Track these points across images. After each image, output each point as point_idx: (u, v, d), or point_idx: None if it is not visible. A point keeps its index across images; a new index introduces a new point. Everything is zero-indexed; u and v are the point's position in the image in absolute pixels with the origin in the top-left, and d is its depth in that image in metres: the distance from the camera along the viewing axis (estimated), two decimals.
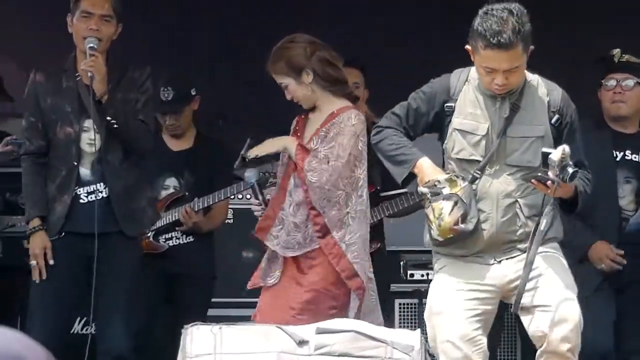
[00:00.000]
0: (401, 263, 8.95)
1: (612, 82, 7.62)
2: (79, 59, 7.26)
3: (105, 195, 7.27)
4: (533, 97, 6.12)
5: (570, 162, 5.81)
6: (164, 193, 8.45)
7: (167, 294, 8.31)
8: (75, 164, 7.25)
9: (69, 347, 7.38)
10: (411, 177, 6.44)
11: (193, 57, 10.54)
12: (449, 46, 10.01)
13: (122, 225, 7.27)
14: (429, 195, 6.16)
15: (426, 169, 6.19)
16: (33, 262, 7.25)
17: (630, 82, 7.59)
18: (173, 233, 8.44)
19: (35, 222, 7.29)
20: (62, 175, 7.27)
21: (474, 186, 6.13)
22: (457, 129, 6.13)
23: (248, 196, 8.53)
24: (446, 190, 6.14)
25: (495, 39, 5.88)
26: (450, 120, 6.18)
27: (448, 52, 10.00)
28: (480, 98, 6.11)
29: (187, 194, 8.45)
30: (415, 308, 8.83)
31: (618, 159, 7.63)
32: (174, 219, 8.39)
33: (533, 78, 6.13)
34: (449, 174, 6.18)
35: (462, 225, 6.10)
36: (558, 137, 6.12)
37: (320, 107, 6.96)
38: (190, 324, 6.29)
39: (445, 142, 6.27)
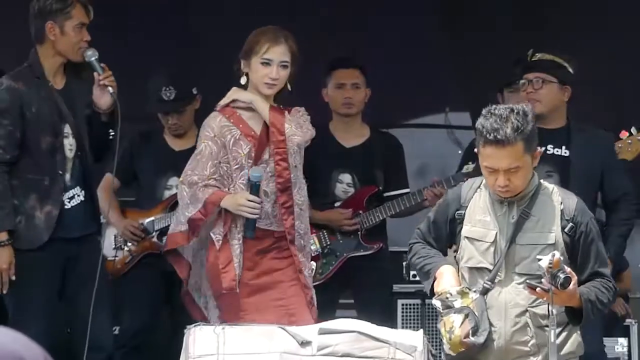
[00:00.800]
0: (404, 264, 8.87)
1: (524, 82, 7.66)
2: (47, 65, 7.24)
3: (82, 199, 7.25)
4: (545, 204, 5.99)
5: (564, 269, 5.66)
6: (167, 193, 8.42)
7: (170, 293, 8.22)
8: (61, 172, 7.20)
9: (62, 345, 7.42)
10: None
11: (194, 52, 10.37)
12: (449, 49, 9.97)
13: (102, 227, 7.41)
14: (440, 309, 6.03)
15: (441, 279, 6.09)
16: None
17: (540, 80, 7.59)
18: None
19: (3, 236, 7.17)
20: (45, 185, 7.20)
21: (486, 297, 5.97)
22: (467, 237, 6.04)
23: None
24: (458, 303, 5.99)
25: (492, 135, 5.75)
26: (461, 229, 6.07)
27: (448, 55, 9.99)
28: (490, 204, 5.98)
29: None
30: (417, 308, 8.78)
31: (547, 154, 7.50)
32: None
33: (548, 186, 6.03)
34: (461, 286, 6.01)
35: (473, 339, 5.95)
36: (572, 247, 6.01)
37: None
38: (193, 325, 6.30)
39: (458, 251, 6.16)
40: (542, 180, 6.13)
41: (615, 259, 7.48)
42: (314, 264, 7.49)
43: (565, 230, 6.01)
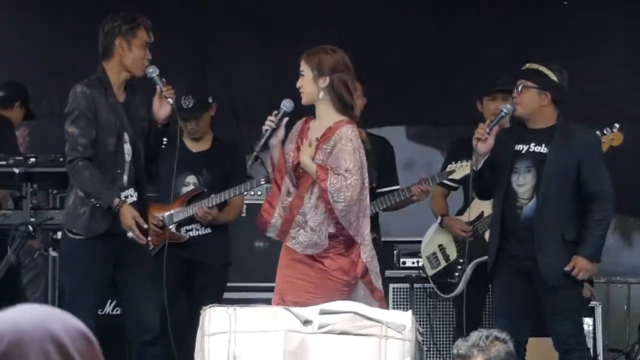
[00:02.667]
0: (394, 252, 8.93)
1: (516, 86, 7.65)
2: (113, 79, 7.36)
3: (135, 200, 7.34)
4: None
5: None
6: (184, 189, 8.46)
7: (187, 279, 8.31)
8: (120, 172, 7.32)
9: (101, 326, 7.37)
10: None
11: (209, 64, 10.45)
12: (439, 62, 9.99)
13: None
14: None
15: None
16: (130, 234, 7.25)
17: (520, 86, 7.58)
18: (193, 225, 8.42)
19: (116, 201, 7.25)
20: (107, 183, 7.33)
21: None
22: None
23: (259, 192, 8.61)
24: None
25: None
26: None
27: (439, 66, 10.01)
28: None
29: (205, 190, 8.43)
30: (407, 292, 8.77)
31: (523, 151, 7.59)
32: (194, 213, 8.40)
33: None
34: None
35: None
36: None
37: (321, 116, 7.01)
38: (208, 306, 6.37)
39: None
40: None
41: (594, 259, 7.55)
42: None
43: None
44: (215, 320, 6.24)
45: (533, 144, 7.57)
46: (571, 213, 7.54)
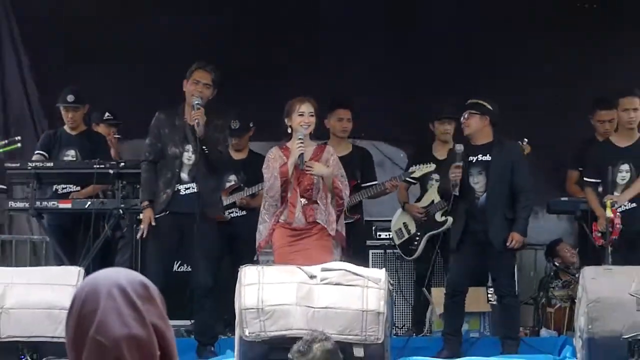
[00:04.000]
0: (373, 228, 8.78)
1: (463, 117, 7.53)
2: (186, 108, 7.29)
3: (196, 191, 7.26)
4: None
5: None
6: (227, 185, 8.35)
7: (229, 247, 8.20)
8: (178, 171, 7.26)
9: (170, 282, 7.39)
10: None
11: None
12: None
13: (207, 209, 7.25)
14: None
15: None
16: (142, 227, 7.29)
17: (467, 114, 7.47)
18: (234, 209, 8.34)
19: (146, 203, 7.28)
20: (168, 177, 7.28)
21: None
22: None
23: None
24: None
25: None
26: None
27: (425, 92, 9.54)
28: None
29: (242, 185, 8.38)
30: (381, 255, 8.58)
31: (474, 160, 7.46)
32: (234, 200, 8.31)
33: None
34: None
35: None
36: None
37: (312, 144, 7.13)
38: (244, 265, 6.39)
39: None
40: None
41: (524, 234, 7.42)
42: None
43: None
44: (249, 275, 6.23)
45: (480, 155, 7.48)
46: (509, 200, 7.43)
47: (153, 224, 7.23)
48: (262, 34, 9.82)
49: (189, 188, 7.28)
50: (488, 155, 7.48)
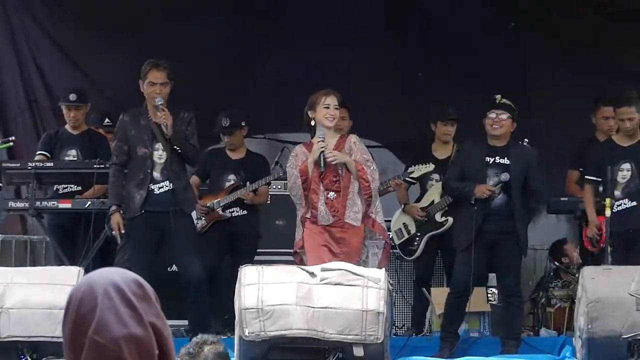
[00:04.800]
0: None
1: (493, 115, 7.41)
2: (150, 107, 7.29)
3: (170, 188, 7.26)
4: None
5: None
6: (227, 184, 8.29)
7: (229, 246, 8.20)
8: (150, 171, 7.26)
9: (167, 283, 7.40)
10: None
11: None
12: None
13: (183, 206, 7.28)
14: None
15: None
16: (114, 232, 7.26)
17: (504, 115, 7.42)
18: (234, 207, 8.26)
19: (113, 208, 7.27)
20: (140, 178, 7.27)
21: None
22: None
23: (279, 187, 8.53)
24: None
25: None
26: None
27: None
28: None
29: (241, 183, 8.29)
30: None
31: (490, 162, 7.42)
32: (234, 199, 8.22)
33: None
34: None
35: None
36: None
37: (335, 135, 7.06)
38: (244, 265, 6.37)
39: None
40: None
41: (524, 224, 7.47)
42: None
43: None
44: (249, 275, 6.22)
45: (498, 157, 7.44)
46: (525, 203, 7.49)
47: (122, 230, 7.21)
48: (262, 34, 9.80)
49: (162, 187, 7.28)
50: (506, 158, 7.46)
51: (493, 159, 7.48)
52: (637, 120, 7.45)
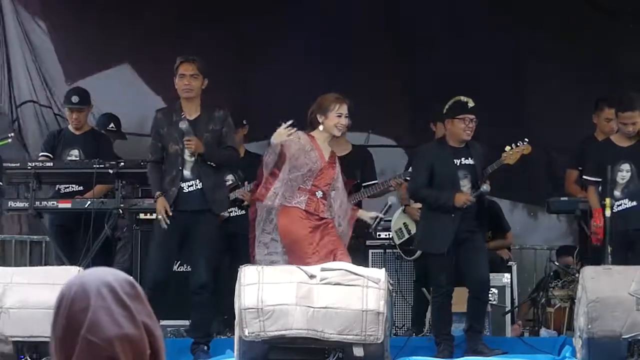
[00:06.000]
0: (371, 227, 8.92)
1: (466, 120, 7.34)
2: (183, 103, 7.27)
3: (200, 188, 7.23)
4: None
5: None
6: (226, 184, 8.01)
7: (228, 246, 8.17)
8: (180, 168, 7.22)
9: (170, 282, 7.42)
10: None
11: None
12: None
13: (212, 206, 7.23)
14: None
15: None
16: (159, 216, 7.14)
17: (474, 119, 7.36)
18: (233, 208, 8.24)
19: (158, 194, 7.20)
20: (173, 175, 7.24)
21: None
22: None
23: None
24: None
25: None
26: None
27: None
28: None
29: (239, 183, 8.33)
30: (381, 255, 8.53)
31: (458, 164, 7.44)
32: (234, 198, 8.21)
33: None
34: None
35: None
36: None
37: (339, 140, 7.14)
38: (243, 265, 6.37)
39: None
40: None
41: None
42: None
43: None
44: (249, 275, 6.21)
45: (463, 158, 7.45)
46: None
47: (169, 213, 7.13)
48: (262, 36, 9.80)
49: (191, 185, 7.26)
50: (470, 158, 7.47)
51: (459, 160, 7.47)
52: (639, 124, 7.46)
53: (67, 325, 2.10)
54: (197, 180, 7.24)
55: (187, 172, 7.26)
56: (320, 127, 6.86)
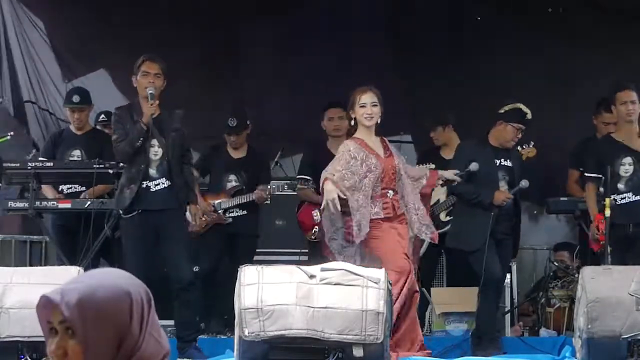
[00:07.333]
0: None
1: (517, 130, 7.44)
2: (142, 102, 7.18)
3: (167, 186, 7.16)
4: None
5: None
6: (228, 185, 8.36)
7: (229, 246, 8.23)
8: (144, 166, 7.13)
9: (155, 283, 7.37)
10: None
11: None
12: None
13: (182, 204, 7.22)
14: None
15: None
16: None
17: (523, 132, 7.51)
18: (234, 209, 8.30)
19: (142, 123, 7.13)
20: (132, 172, 7.16)
21: None
22: None
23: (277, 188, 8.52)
24: None
25: None
26: None
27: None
28: None
29: (243, 187, 8.34)
30: None
31: (498, 164, 7.51)
32: (237, 203, 8.26)
33: None
34: None
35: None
36: None
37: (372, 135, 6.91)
38: (243, 265, 6.34)
39: None
40: None
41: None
42: None
43: None
44: (249, 275, 6.20)
45: (502, 159, 7.53)
46: None
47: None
48: (261, 36, 9.81)
49: (158, 184, 7.20)
50: (509, 160, 7.55)
51: (499, 161, 7.53)
52: (637, 106, 7.42)
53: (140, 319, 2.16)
54: (164, 178, 7.17)
55: (152, 171, 7.19)
56: (352, 122, 6.83)
